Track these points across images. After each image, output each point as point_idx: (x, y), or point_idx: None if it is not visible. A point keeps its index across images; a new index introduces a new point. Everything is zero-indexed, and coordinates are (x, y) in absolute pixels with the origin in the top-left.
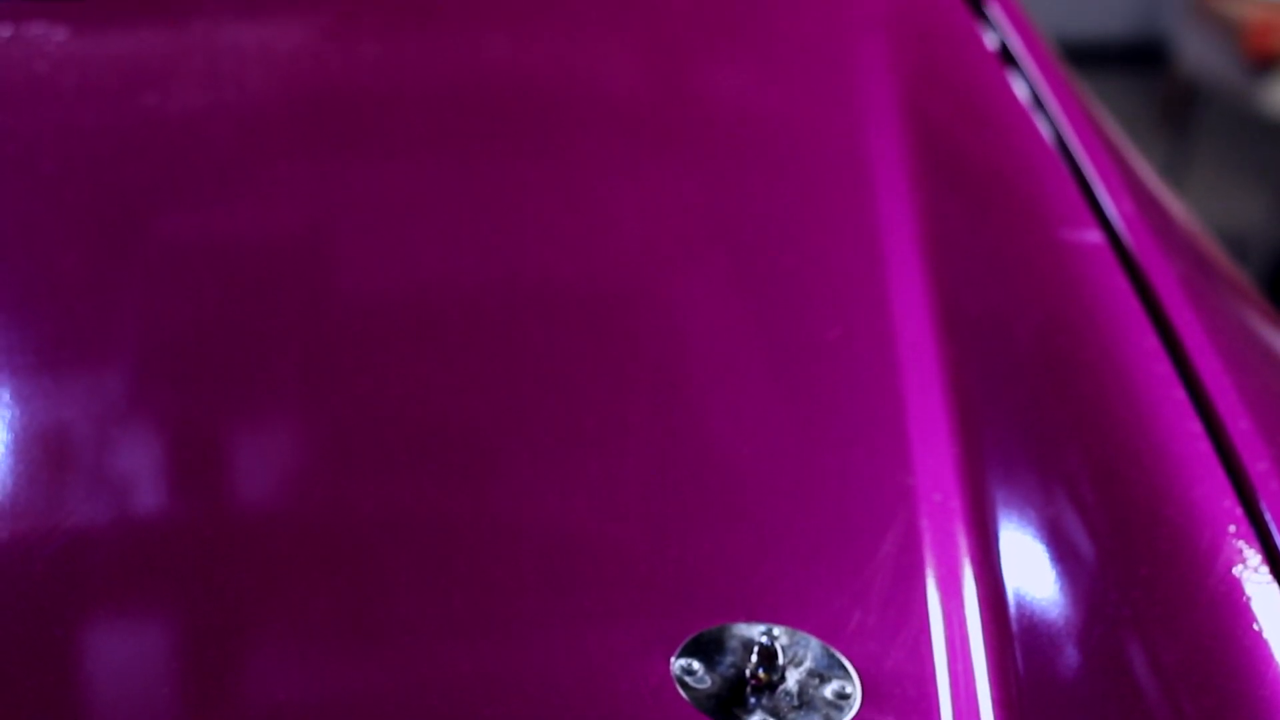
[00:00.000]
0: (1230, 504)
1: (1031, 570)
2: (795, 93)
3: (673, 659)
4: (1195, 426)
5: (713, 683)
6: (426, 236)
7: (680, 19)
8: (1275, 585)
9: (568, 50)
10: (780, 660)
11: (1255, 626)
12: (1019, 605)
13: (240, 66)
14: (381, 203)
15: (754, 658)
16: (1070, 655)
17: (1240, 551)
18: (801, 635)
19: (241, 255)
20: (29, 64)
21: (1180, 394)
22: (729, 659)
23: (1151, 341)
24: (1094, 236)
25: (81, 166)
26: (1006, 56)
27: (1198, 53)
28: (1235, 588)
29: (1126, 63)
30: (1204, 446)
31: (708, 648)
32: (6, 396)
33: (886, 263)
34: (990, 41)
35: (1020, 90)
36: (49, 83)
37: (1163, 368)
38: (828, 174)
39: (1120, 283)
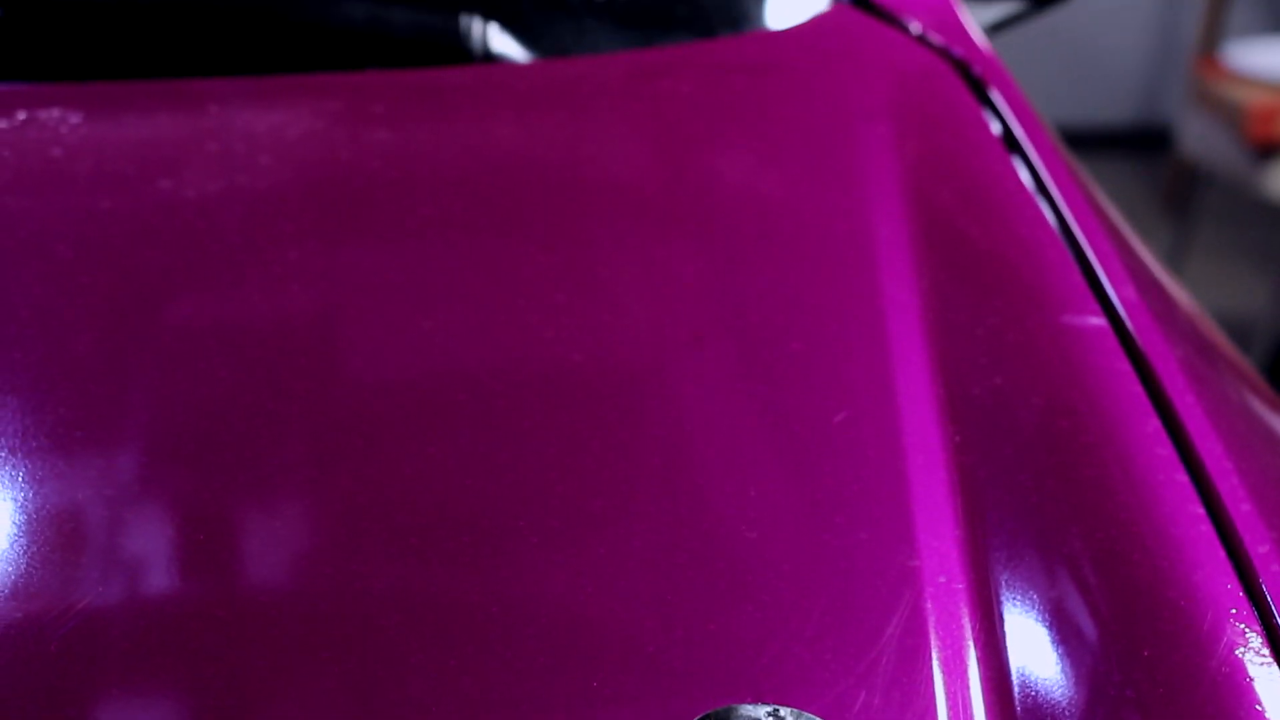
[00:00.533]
0: (1232, 586)
1: (1035, 651)
2: (801, 178)
3: None
4: (1197, 509)
5: None
6: (436, 320)
7: (687, 106)
8: (1277, 667)
9: (575, 137)
10: None
11: (1257, 708)
12: (1023, 686)
13: (253, 152)
14: (391, 287)
15: None
16: None
17: (1242, 634)
18: (808, 716)
19: (253, 339)
20: (45, 149)
21: (1182, 477)
22: None
23: (1154, 424)
24: (1097, 321)
25: (96, 251)
26: (1010, 142)
27: (1200, 138)
28: (1237, 669)
29: (1130, 148)
30: (1206, 529)
31: None
32: (20, 478)
33: (891, 346)
34: (994, 128)
35: (1023, 176)
36: (64, 168)
37: (1165, 451)
38: (833, 259)
39: (1123, 367)
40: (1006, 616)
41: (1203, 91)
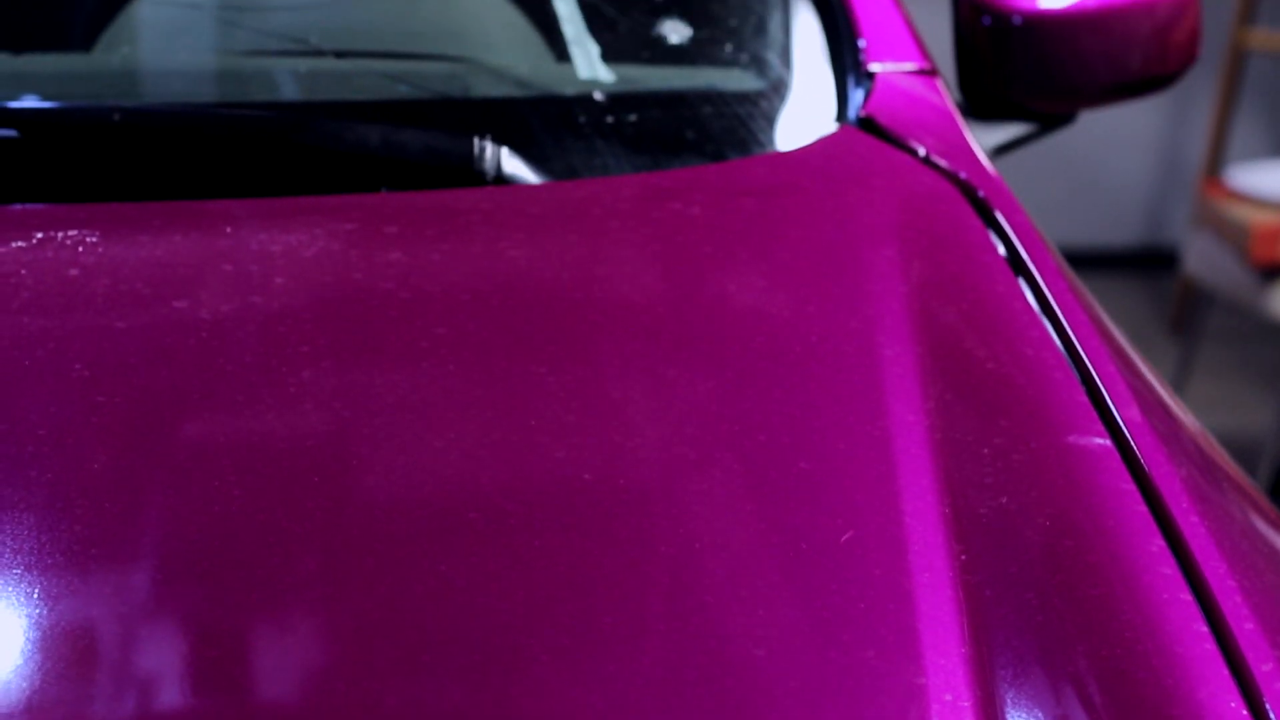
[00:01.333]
0: (1236, 704)
1: None
2: (809, 300)
3: None
4: (1201, 628)
5: None
6: (448, 439)
7: (697, 228)
8: None
9: (586, 259)
10: None
11: None
12: None
13: (268, 273)
14: (404, 406)
15: None
16: None
17: None
18: None
19: (267, 458)
20: (62, 270)
21: (1186, 596)
22: None
23: (1158, 543)
24: (1101, 441)
25: (111, 370)
26: (1015, 264)
27: (1204, 258)
28: None
29: (1136, 269)
30: (1210, 647)
31: None
32: (36, 595)
33: (898, 466)
34: (999, 250)
35: (1029, 297)
36: (81, 288)
37: (1169, 570)
38: (841, 379)
39: (1127, 486)
40: None
41: (1207, 212)
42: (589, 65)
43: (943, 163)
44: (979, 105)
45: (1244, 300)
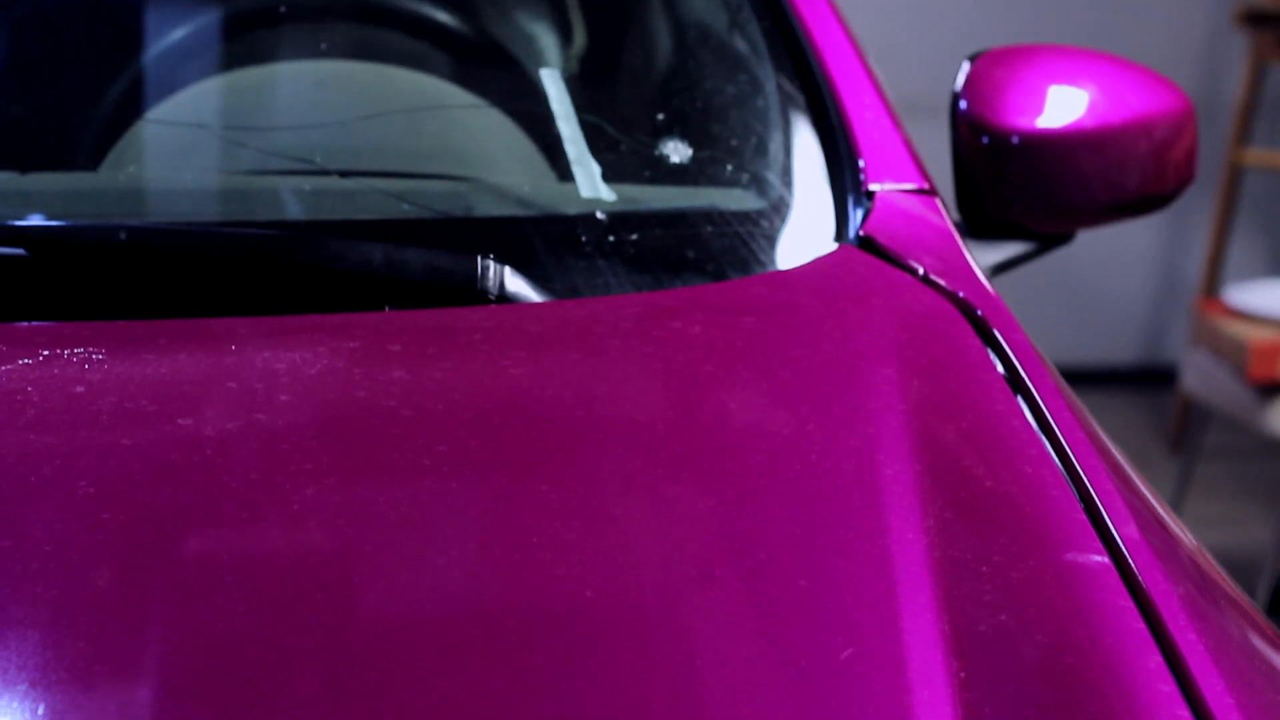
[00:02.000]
0: None
1: None
2: (809, 418)
3: None
4: None
5: None
6: (450, 556)
7: (697, 347)
8: None
9: (588, 377)
10: None
11: None
12: None
13: (272, 391)
14: (407, 523)
15: None
16: None
17: None
18: None
19: (270, 574)
20: (68, 387)
21: (1185, 713)
22: None
23: (1156, 660)
24: (1099, 559)
25: (116, 487)
26: (1014, 383)
27: (1202, 375)
28: None
29: (1135, 387)
30: None
31: None
32: (39, 712)
33: (897, 584)
34: (998, 368)
35: (1027, 416)
36: (87, 405)
37: (1167, 687)
38: (840, 497)
39: (1125, 604)
40: None
41: (1205, 330)
42: (591, 185)
43: (942, 282)
44: (978, 224)
45: (1242, 417)
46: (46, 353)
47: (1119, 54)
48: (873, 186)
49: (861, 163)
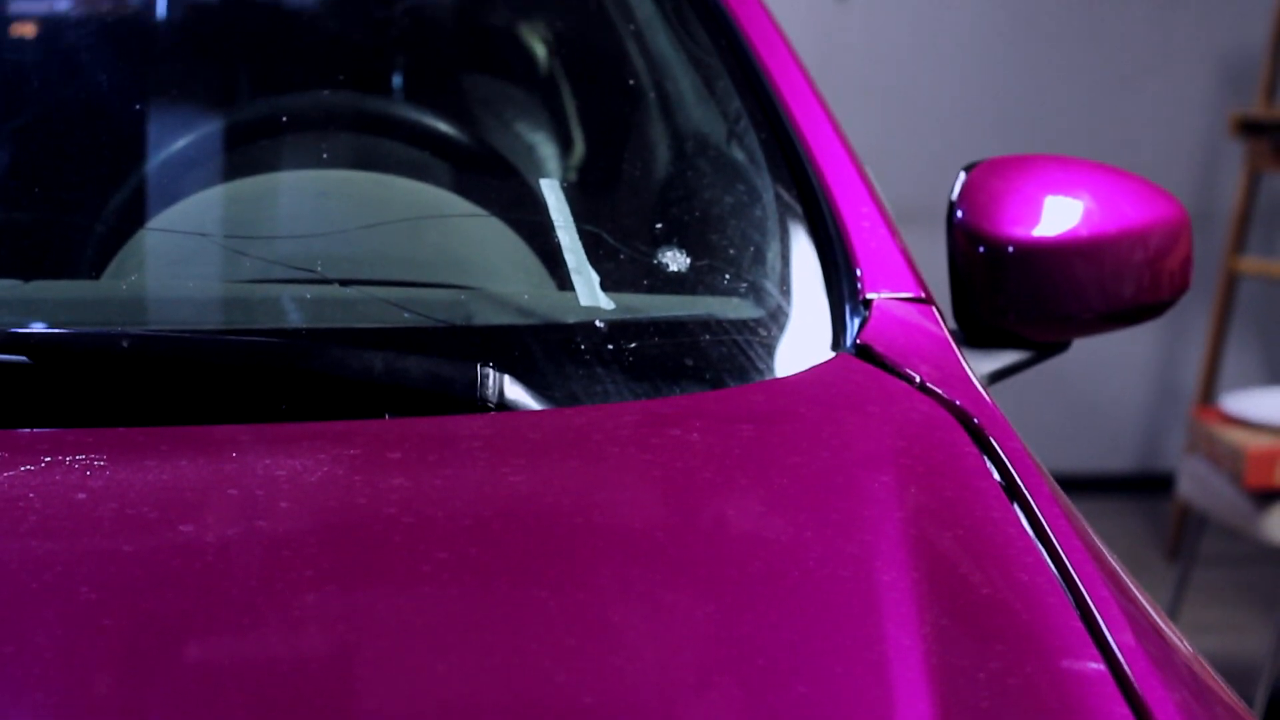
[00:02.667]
0: None
1: None
2: (806, 526)
3: None
4: None
5: None
6: (449, 662)
7: (695, 455)
8: None
9: (587, 485)
10: None
11: None
12: None
13: (273, 498)
14: (407, 630)
15: None
16: None
17: None
18: None
19: (271, 681)
20: (70, 494)
21: None
22: None
23: None
24: (1095, 666)
25: (117, 594)
26: (1010, 490)
27: (1199, 482)
28: None
29: (1132, 494)
30: None
31: None
32: None
33: (895, 691)
34: (994, 476)
35: (1024, 523)
36: (88, 512)
37: None
38: (838, 604)
39: (1122, 712)
40: None
41: (1202, 437)
42: (590, 293)
43: (939, 390)
44: (974, 333)
45: (1239, 524)
46: (49, 459)
47: (1114, 163)
48: (870, 295)
49: (859, 271)
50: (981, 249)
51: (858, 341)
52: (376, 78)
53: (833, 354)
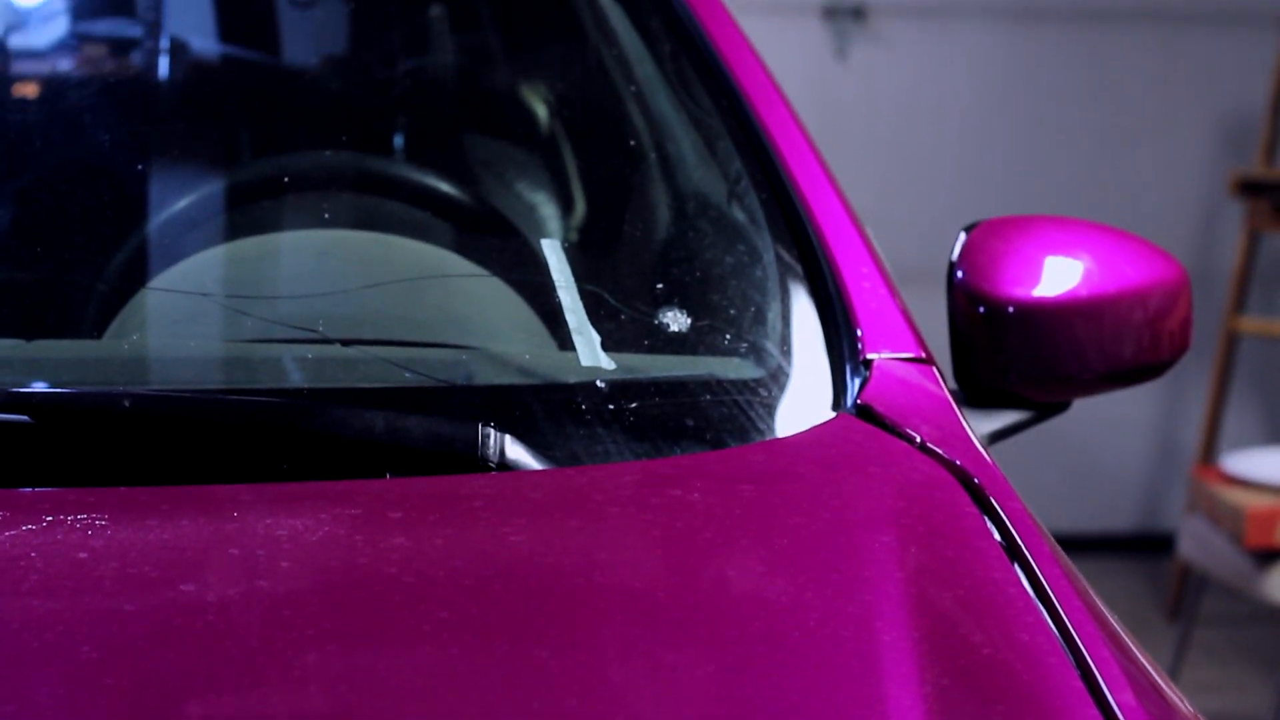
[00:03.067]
0: None
1: None
2: (807, 586)
3: None
4: None
5: None
6: None
7: (696, 515)
8: None
9: (587, 544)
10: None
11: None
12: None
13: (274, 557)
14: (408, 690)
15: None
16: None
17: None
18: None
19: None
20: (72, 553)
21: None
22: None
23: None
24: None
25: (119, 653)
26: (1011, 551)
27: (1199, 542)
28: None
29: (1133, 554)
30: None
31: None
32: None
33: None
34: (995, 536)
35: (1024, 583)
36: (90, 571)
37: None
38: (839, 664)
39: None
40: None
41: (1202, 496)
42: (591, 353)
43: (939, 450)
44: (974, 393)
45: (1240, 584)
46: (50, 518)
47: (1115, 223)
48: (870, 355)
49: (859, 331)
50: (982, 309)
51: (858, 401)
52: (378, 138)
53: (833, 414)
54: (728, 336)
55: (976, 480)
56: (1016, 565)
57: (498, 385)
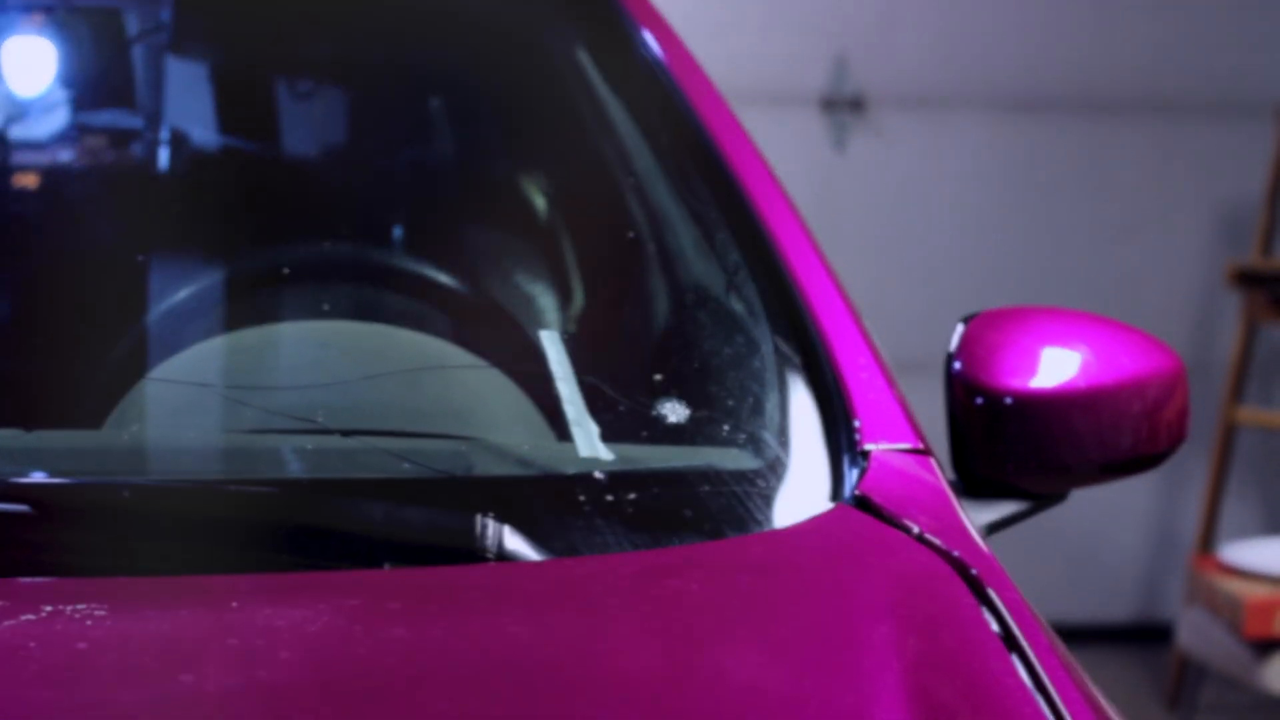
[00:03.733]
0: None
1: None
2: (805, 677)
3: None
4: None
5: None
6: None
7: (694, 606)
8: None
9: (586, 636)
10: None
11: None
12: None
13: (272, 648)
14: None
15: None
16: None
17: None
18: None
19: None
20: (70, 643)
21: None
22: None
23: None
24: None
25: None
26: (1009, 641)
27: (1198, 632)
28: None
29: (1131, 644)
30: None
31: None
32: None
33: None
34: (993, 627)
35: (1022, 674)
36: (88, 661)
37: None
38: None
39: None
40: None
41: (1201, 587)
42: (589, 444)
43: (937, 541)
44: (972, 484)
45: (1238, 674)
46: (49, 608)
47: (1112, 314)
48: (868, 446)
49: (857, 423)
50: (979, 400)
51: (856, 492)
52: (377, 229)
53: (831, 505)
54: (726, 427)
55: (974, 571)
56: (1014, 656)
57: (496, 476)
